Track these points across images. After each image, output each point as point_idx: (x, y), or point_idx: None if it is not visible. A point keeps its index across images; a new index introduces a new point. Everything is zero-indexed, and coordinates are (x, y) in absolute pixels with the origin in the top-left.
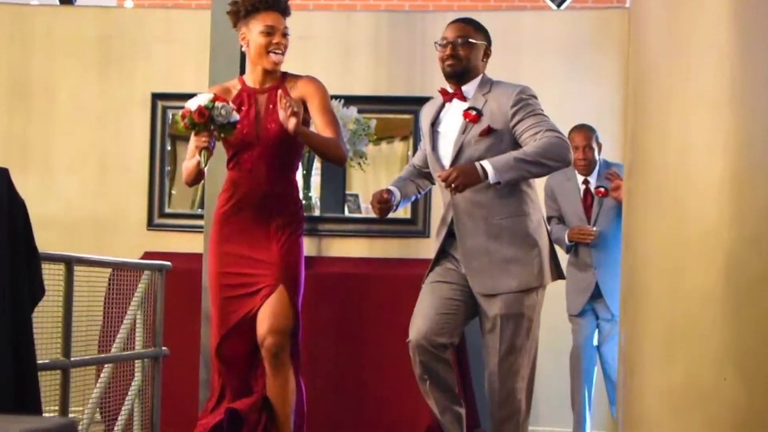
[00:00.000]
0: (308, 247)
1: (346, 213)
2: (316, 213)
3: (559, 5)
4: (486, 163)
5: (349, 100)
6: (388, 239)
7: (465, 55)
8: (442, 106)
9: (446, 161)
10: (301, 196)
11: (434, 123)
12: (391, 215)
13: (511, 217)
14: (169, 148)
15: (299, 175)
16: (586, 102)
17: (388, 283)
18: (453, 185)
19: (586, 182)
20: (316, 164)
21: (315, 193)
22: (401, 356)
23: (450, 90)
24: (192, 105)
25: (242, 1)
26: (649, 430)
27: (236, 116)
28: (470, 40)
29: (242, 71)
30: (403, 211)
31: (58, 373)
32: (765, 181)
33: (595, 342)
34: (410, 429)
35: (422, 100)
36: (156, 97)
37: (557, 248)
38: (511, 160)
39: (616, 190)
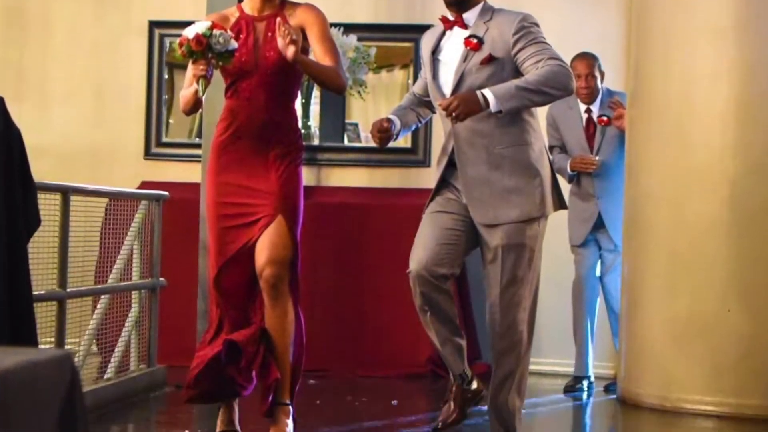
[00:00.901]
0: (307, 176)
1: (346, 142)
2: (315, 142)
3: None
4: (487, 92)
5: (348, 28)
6: (388, 169)
7: None
8: (443, 33)
9: (447, 90)
10: (300, 124)
11: (435, 51)
12: (391, 144)
13: (512, 146)
14: (166, 76)
15: (298, 104)
16: (589, 30)
17: (388, 213)
18: (454, 114)
19: (588, 111)
20: (315, 93)
21: (314, 121)
22: (401, 287)
23: (451, 18)
24: (189, 33)
25: None
26: (652, 361)
27: (234, 44)
28: None
29: None
30: (403, 141)
31: (53, 305)
32: None
33: (598, 273)
34: (410, 360)
35: (423, 28)
36: (153, 25)
37: (559, 178)
38: (512, 89)
39: (618, 119)
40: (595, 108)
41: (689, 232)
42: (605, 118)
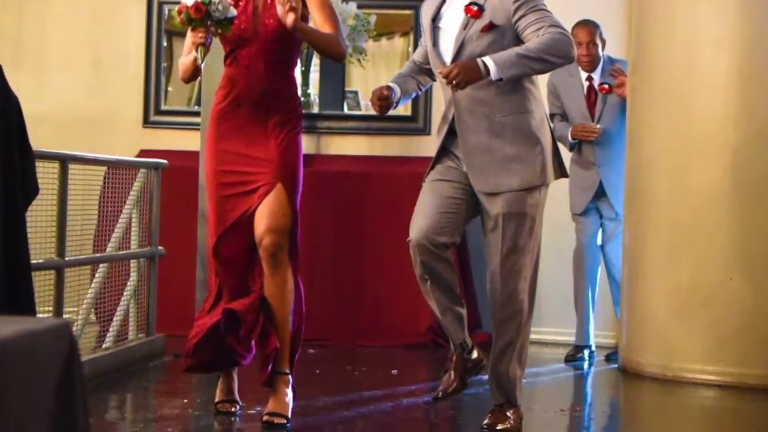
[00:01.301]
0: (307, 144)
1: (346, 110)
2: (315, 110)
3: None
4: (488, 59)
5: None
6: (388, 137)
7: None
8: (444, 1)
9: (447, 57)
10: (299, 92)
11: (435, 18)
12: (391, 112)
13: (513, 114)
14: (165, 44)
15: (298, 72)
16: None
17: (388, 181)
18: (454, 82)
19: (589, 79)
20: (315, 60)
21: (314, 89)
22: (401, 256)
23: None
24: (189, 0)
25: None
26: (654, 331)
27: (233, 12)
28: None
29: None
30: (403, 108)
31: (52, 273)
32: None
33: (599, 241)
34: (410, 329)
35: None
36: None
37: (560, 146)
38: (513, 56)
39: (620, 87)
40: (596, 76)
41: (691, 201)
42: (606, 86)
